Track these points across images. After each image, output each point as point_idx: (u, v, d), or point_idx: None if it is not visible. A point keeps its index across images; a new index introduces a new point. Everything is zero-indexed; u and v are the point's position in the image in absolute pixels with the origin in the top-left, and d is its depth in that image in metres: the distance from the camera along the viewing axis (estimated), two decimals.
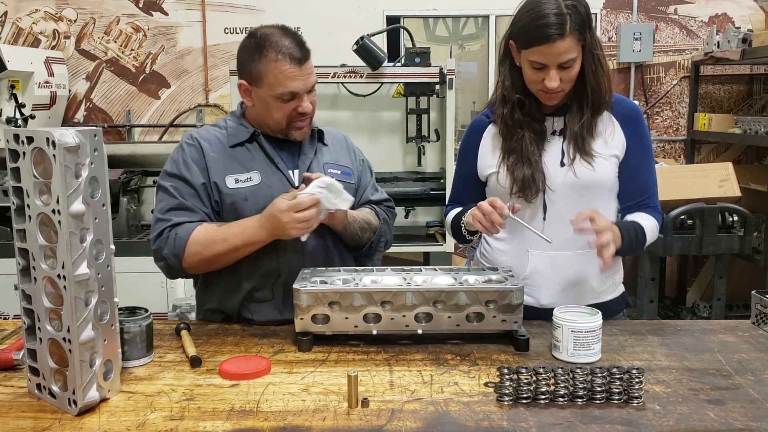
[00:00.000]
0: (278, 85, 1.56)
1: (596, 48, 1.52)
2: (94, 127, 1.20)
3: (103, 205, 1.19)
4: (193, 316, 3.09)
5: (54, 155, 1.11)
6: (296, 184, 1.64)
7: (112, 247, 1.22)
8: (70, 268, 1.13)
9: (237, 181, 1.61)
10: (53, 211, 1.13)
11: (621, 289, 1.71)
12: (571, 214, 1.56)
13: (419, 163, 3.54)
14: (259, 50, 1.57)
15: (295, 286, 1.43)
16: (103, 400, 1.21)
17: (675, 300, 4.06)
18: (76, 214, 1.13)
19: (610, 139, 1.60)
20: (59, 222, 1.13)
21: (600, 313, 1.38)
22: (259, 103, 1.62)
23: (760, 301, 1.57)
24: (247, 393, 1.24)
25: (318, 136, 1.75)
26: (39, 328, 1.21)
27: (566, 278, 1.62)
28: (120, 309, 1.43)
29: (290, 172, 1.66)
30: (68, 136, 1.12)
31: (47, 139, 1.12)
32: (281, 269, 1.62)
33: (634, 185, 1.62)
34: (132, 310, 1.44)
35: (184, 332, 1.51)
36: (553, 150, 1.59)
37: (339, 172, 1.71)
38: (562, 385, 1.18)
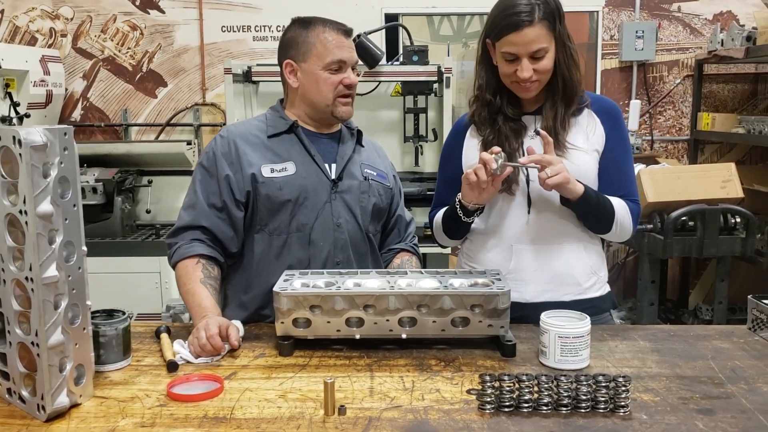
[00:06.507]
0: (327, 53, 1.62)
1: (568, 40, 1.54)
2: (65, 126, 1.16)
3: (74, 205, 1.16)
4: (186, 317, 3.06)
5: (20, 154, 1.08)
6: (332, 177, 1.67)
7: (84, 248, 1.19)
8: (38, 271, 1.10)
9: (272, 170, 1.63)
10: (20, 211, 1.10)
11: (607, 288, 1.69)
12: (554, 207, 1.59)
13: (416, 163, 3.50)
14: (306, 26, 1.65)
15: (275, 288, 1.40)
16: (75, 405, 1.18)
17: (677, 303, 4.00)
18: (43, 214, 1.10)
19: (591, 134, 1.61)
20: (26, 223, 1.10)
21: (588, 318, 1.34)
22: (306, 80, 1.65)
23: (757, 306, 1.53)
24: (222, 399, 1.21)
25: (357, 136, 1.78)
26: (8, 332, 1.18)
27: (550, 272, 1.60)
28: (97, 311, 1.40)
29: (326, 165, 1.68)
30: (35, 134, 1.09)
31: (13, 137, 1.08)
32: (311, 258, 1.64)
33: (614, 180, 1.61)
34: (110, 313, 1.41)
35: (163, 335, 1.48)
36: (535, 147, 1.57)
37: (375, 173, 1.75)
38: (545, 393, 1.14)
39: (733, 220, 3.24)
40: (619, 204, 1.59)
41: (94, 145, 3.62)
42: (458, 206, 1.59)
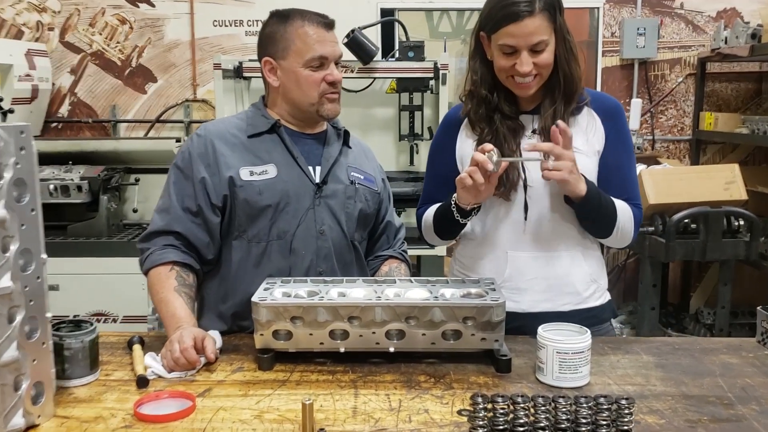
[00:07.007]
0: (307, 50, 1.51)
1: (567, 34, 1.46)
2: (22, 124, 1.07)
3: (33, 210, 1.07)
4: None
5: None
6: (316, 180, 1.57)
7: (44, 256, 1.10)
8: None
9: (252, 173, 1.53)
10: None
11: (607, 296, 1.60)
12: (552, 213, 1.50)
13: (411, 162, 3.40)
14: (283, 21, 1.54)
15: (253, 299, 1.31)
16: (32, 426, 1.09)
17: (678, 306, 3.92)
18: None
19: (591, 136, 1.52)
20: None
21: (588, 332, 1.25)
22: (286, 79, 1.55)
23: (767, 318, 1.44)
24: (193, 420, 1.12)
25: (344, 137, 1.68)
26: None
27: (547, 280, 1.51)
28: (64, 322, 1.31)
29: (310, 168, 1.57)
30: None
31: None
32: (292, 267, 1.54)
33: (615, 183, 1.52)
34: (77, 324, 1.32)
35: (136, 347, 1.39)
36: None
37: (362, 177, 1.65)
38: (542, 416, 1.05)
39: (736, 223, 3.15)
40: (623, 208, 1.49)
41: (79, 141, 3.52)
42: (454, 209, 1.50)
